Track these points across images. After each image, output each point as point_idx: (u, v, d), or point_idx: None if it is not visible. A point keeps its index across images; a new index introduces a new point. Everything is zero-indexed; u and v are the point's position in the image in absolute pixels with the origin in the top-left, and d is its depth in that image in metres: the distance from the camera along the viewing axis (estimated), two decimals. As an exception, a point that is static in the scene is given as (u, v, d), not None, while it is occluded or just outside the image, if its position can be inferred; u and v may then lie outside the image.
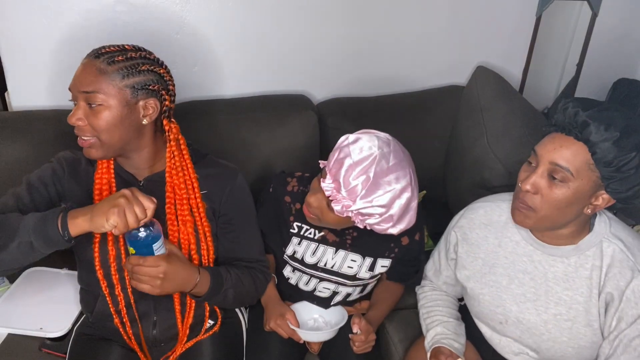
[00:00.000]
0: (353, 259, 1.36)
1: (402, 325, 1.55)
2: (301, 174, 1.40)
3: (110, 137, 1.10)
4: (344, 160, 1.14)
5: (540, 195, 1.04)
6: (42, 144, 1.57)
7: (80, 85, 1.07)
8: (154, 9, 1.72)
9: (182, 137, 1.21)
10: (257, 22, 1.82)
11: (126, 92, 1.09)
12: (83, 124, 1.08)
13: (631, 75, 2.30)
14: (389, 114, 1.92)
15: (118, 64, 1.08)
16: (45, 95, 1.73)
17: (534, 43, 2.14)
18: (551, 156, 1.02)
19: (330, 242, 1.35)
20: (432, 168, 1.97)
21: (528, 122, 1.73)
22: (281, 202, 1.36)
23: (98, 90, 1.06)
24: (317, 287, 1.41)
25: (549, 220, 1.07)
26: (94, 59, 1.08)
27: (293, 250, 1.37)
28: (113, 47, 1.11)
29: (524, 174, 1.07)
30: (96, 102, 1.07)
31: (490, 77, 1.91)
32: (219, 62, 1.85)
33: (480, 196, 1.35)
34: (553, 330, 1.15)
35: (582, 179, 1.00)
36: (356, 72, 2.00)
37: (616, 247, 1.08)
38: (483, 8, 2.01)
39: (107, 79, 1.07)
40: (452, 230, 1.33)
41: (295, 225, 1.35)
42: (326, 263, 1.36)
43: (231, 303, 1.25)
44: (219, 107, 1.80)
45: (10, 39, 1.65)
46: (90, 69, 1.07)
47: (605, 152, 0.97)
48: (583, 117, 0.98)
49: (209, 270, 1.18)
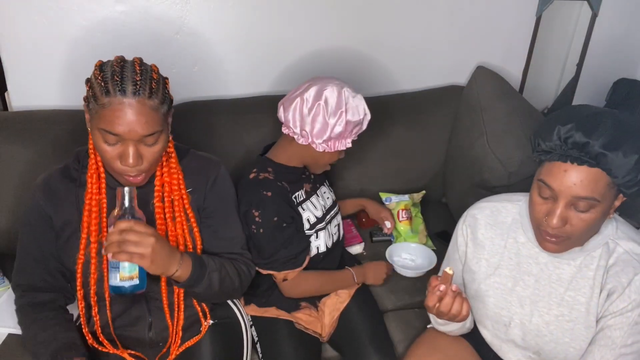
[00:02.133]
0: (323, 191, 1.56)
1: (402, 325, 1.55)
2: (255, 170, 1.41)
3: (158, 162, 1.12)
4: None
5: (570, 225, 1.01)
6: (42, 144, 1.57)
7: (140, 129, 1.02)
8: (154, 9, 1.72)
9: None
10: (257, 22, 1.82)
11: (167, 117, 1.11)
12: (141, 164, 1.06)
13: (631, 75, 2.30)
14: (389, 114, 1.92)
15: (158, 93, 1.05)
16: (45, 95, 1.74)
17: (534, 43, 2.14)
18: (572, 192, 0.98)
19: (311, 190, 1.50)
20: (432, 168, 1.98)
21: (528, 122, 1.73)
22: (282, 190, 1.39)
23: (157, 129, 1.05)
24: (332, 231, 1.53)
25: (583, 238, 1.07)
26: (138, 97, 1.01)
27: (307, 219, 1.45)
28: (139, 75, 1.03)
29: (543, 207, 1.04)
30: (155, 140, 1.06)
31: (490, 77, 1.91)
32: (219, 62, 1.85)
33: (480, 196, 1.34)
34: (555, 331, 1.14)
35: (607, 199, 0.99)
36: (356, 72, 2.00)
37: (621, 247, 1.08)
38: (483, 8, 2.01)
39: (158, 114, 1.05)
40: (461, 231, 1.28)
41: (294, 198, 1.43)
42: (324, 206, 1.51)
43: (217, 291, 1.18)
44: (219, 107, 1.80)
45: (11, 39, 1.65)
46: (143, 109, 1.02)
47: (626, 174, 0.95)
48: (597, 150, 0.94)
49: (190, 253, 1.15)
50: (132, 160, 1.04)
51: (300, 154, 1.41)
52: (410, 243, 1.77)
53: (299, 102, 1.33)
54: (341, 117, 1.32)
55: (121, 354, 1.23)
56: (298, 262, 1.39)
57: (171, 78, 1.82)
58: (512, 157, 1.67)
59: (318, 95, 1.32)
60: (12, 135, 1.58)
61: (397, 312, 1.61)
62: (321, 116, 1.32)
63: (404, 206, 1.83)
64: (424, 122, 1.95)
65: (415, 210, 1.88)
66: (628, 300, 1.04)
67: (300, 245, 1.40)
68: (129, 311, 1.22)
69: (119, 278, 1.01)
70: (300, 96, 1.33)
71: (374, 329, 1.48)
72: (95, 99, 1.02)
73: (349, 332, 1.48)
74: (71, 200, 1.17)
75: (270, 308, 1.46)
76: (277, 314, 1.45)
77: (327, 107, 1.32)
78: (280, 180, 1.40)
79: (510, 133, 1.70)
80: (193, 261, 1.12)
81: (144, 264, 1.00)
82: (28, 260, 1.21)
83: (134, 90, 1.01)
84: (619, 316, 1.05)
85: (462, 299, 1.06)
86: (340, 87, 1.34)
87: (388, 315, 1.59)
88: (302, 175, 1.48)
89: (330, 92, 1.32)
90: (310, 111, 1.32)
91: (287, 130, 1.38)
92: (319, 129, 1.33)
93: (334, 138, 1.35)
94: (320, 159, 1.42)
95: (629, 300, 1.04)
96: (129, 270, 1.01)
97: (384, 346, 1.45)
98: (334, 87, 1.33)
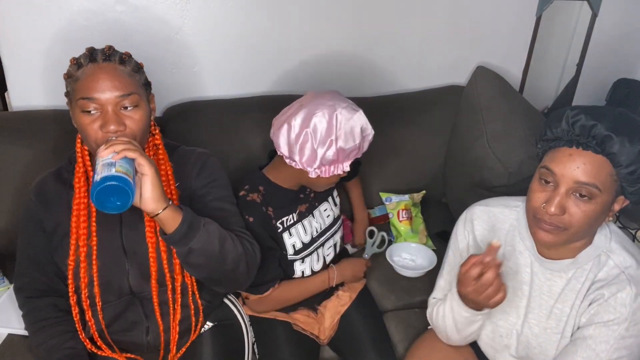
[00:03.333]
0: (324, 208, 1.48)
1: (402, 325, 1.55)
2: (246, 188, 1.35)
3: (142, 137, 1.10)
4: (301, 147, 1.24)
5: (568, 215, 0.99)
6: (42, 144, 1.57)
7: (115, 90, 1.05)
8: (154, 9, 1.72)
9: (157, 126, 1.20)
10: (257, 22, 1.82)
11: (144, 89, 1.12)
12: (124, 129, 1.06)
13: (631, 75, 2.30)
14: (389, 114, 1.92)
15: (129, 63, 1.10)
16: (45, 95, 1.73)
17: (534, 43, 2.14)
18: (575, 176, 0.96)
19: (306, 211, 1.42)
20: (432, 168, 1.97)
21: (528, 122, 1.73)
22: (265, 218, 1.33)
23: (133, 91, 1.07)
24: (324, 254, 1.48)
25: (580, 235, 1.03)
26: (109, 62, 1.07)
27: (292, 245, 1.39)
28: (107, 49, 1.10)
29: (542, 195, 1.01)
30: (133, 103, 1.07)
31: (490, 77, 1.91)
32: (219, 62, 1.85)
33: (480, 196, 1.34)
34: (544, 344, 1.13)
35: (608, 190, 0.97)
36: (356, 72, 2.00)
37: (612, 261, 1.06)
38: (483, 8, 2.01)
39: (134, 78, 1.09)
40: (461, 238, 1.26)
41: (279, 224, 1.36)
42: (317, 229, 1.45)
43: (218, 254, 1.07)
44: (219, 107, 1.80)
45: (10, 39, 1.65)
46: (115, 72, 1.07)
47: (630, 163, 0.94)
48: (604, 132, 0.93)
49: (183, 205, 1.07)
50: (113, 125, 1.03)
51: (295, 176, 1.34)
52: (410, 243, 1.77)
53: (286, 128, 1.23)
54: (332, 146, 1.22)
55: (119, 357, 1.22)
56: (259, 290, 1.35)
57: (171, 78, 1.84)
58: (512, 157, 1.66)
59: (305, 123, 1.21)
60: (12, 135, 1.58)
61: (397, 312, 1.60)
62: (309, 144, 1.21)
63: (404, 206, 1.83)
64: (424, 122, 1.95)
65: (415, 210, 1.88)
66: (614, 312, 1.02)
67: (267, 275, 1.34)
68: (125, 316, 1.21)
69: (114, 170, 0.93)
70: (287, 121, 1.23)
71: (374, 331, 1.48)
72: (71, 77, 1.08)
73: (348, 334, 1.47)
74: (62, 203, 1.17)
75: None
76: (274, 315, 1.45)
77: (316, 136, 1.21)
78: (268, 204, 1.34)
79: (510, 133, 1.70)
80: (185, 209, 1.04)
81: (150, 173, 0.97)
82: (26, 264, 1.21)
83: (104, 57, 1.08)
84: (604, 328, 1.02)
85: (501, 282, 1.02)
86: (333, 110, 1.21)
87: (388, 316, 1.59)
88: (299, 196, 1.40)
89: (320, 118, 1.20)
90: (298, 139, 1.22)
91: (279, 151, 1.29)
92: (308, 157, 1.23)
93: (327, 164, 1.26)
94: (316, 183, 1.33)
95: (615, 313, 1.02)
96: (126, 169, 0.95)
97: (384, 348, 1.45)
98: (325, 111, 1.21)
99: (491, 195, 1.33)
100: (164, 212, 1.00)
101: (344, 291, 1.53)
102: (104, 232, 1.15)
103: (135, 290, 1.18)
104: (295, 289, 1.43)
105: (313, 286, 1.45)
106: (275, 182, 1.36)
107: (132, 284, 1.18)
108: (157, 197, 0.98)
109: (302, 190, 1.41)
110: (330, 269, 1.48)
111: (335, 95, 1.28)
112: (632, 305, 1.01)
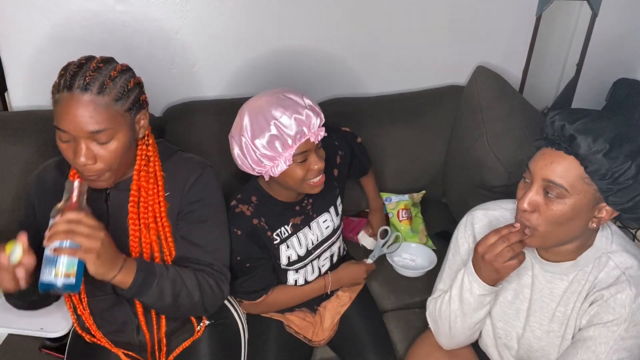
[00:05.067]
0: (324, 219, 1.42)
1: (402, 325, 1.55)
2: (238, 197, 1.33)
3: (120, 164, 1.07)
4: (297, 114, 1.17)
5: (537, 213, 0.99)
6: (42, 144, 1.57)
7: (87, 125, 0.99)
8: (154, 9, 1.72)
9: (152, 134, 1.16)
10: (257, 22, 1.82)
11: (127, 116, 1.04)
12: (94, 163, 1.03)
13: (631, 75, 2.30)
14: (389, 114, 1.92)
15: (112, 90, 1.01)
16: (45, 95, 1.71)
17: (534, 43, 2.14)
18: (543, 173, 0.98)
19: (300, 224, 1.37)
20: (432, 168, 1.97)
21: (528, 122, 1.73)
22: (255, 231, 1.30)
23: (107, 127, 1.01)
24: (319, 265, 1.45)
25: (552, 237, 1.03)
26: (85, 93, 0.99)
27: (287, 257, 1.37)
28: (91, 72, 1.00)
29: (521, 192, 1.03)
30: (106, 139, 1.02)
31: (490, 77, 1.91)
32: (219, 62, 1.85)
33: (480, 196, 1.34)
34: (546, 347, 1.13)
35: (579, 193, 0.96)
36: (356, 72, 2.00)
37: (612, 261, 1.05)
38: (483, 8, 2.01)
39: (110, 111, 1.01)
40: (462, 241, 1.25)
41: (275, 235, 1.34)
42: (312, 242, 1.40)
43: (170, 305, 1.10)
44: (219, 107, 1.80)
45: (11, 39, 1.65)
46: (90, 105, 0.99)
47: (596, 164, 0.93)
48: (570, 131, 0.94)
49: (139, 260, 1.09)
50: (82, 158, 1.00)
51: (276, 185, 1.30)
52: (410, 243, 1.77)
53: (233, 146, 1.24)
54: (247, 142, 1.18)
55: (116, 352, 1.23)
56: (252, 297, 1.35)
57: (171, 78, 1.84)
58: (512, 157, 1.66)
59: (234, 135, 1.22)
60: (12, 135, 1.58)
61: (397, 312, 1.61)
62: (244, 150, 1.19)
63: (404, 206, 1.83)
64: (424, 122, 1.95)
65: (415, 210, 1.88)
66: (613, 313, 1.02)
67: (260, 284, 1.34)
68: (114, 314, 1.20)
69: (53, 274, 0.92)
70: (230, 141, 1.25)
71: (374, 331, 1.48)
72: (52, 95, 1.04)
73: (348, 334, 1.47)
74: (58, 194, 1.14)
75: None
76: (270, 314, 1.44)
77: (241, 141, 1.19)
78: (260, 215, 1.30)
79: (510, 133, 1.70)
80: (138, 268, 1.05)
81: (89, 259, 0.93)
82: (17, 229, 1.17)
83: (80, 85, 0.99)
84: (604, 329, 1.02)
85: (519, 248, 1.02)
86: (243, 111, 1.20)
87: (388, 315, 1.59)
88: (294, 207, 1.37)
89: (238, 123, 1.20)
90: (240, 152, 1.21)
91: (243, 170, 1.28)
92: (251, 160, 1.20)
93: (266, 159, 1.19)
94: (289, 180, 1.24)
95: (614, 314, 1.01)
96: (67, 266, 0.93)
97: (384, 348, 1.45)
98: (241, 115, 1.20)
99: (491, 195, 1.33)
100: (115, 278, 1.01)
101: (344, 291, 1.53)
102: None
103: (119, 292, 1.16)
104: (289, 293, 1.42)
105: (309, 291, 1.44)
106: (269, 193, 1.34)
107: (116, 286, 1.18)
108: (102, 273, 0.98)
109: (299, 202, 1.37)
110: (326, 277, 1.45)
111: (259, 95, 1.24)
112: (632, 306, 1.01)
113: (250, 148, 1.18)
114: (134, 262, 1.05)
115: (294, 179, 1.23)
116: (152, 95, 1.82)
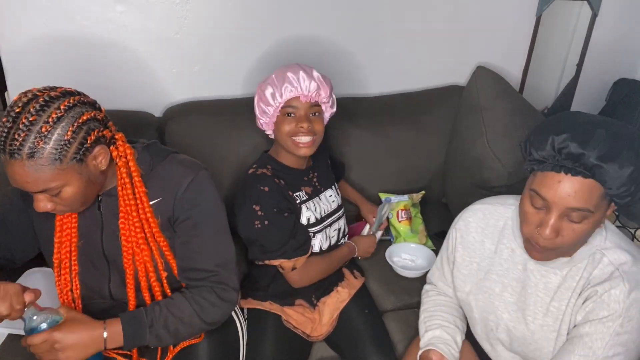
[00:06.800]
0: (329, 194, 1.57)
1: (402, 325, 1.55)
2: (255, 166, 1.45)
3: (82, 200, 1.05)
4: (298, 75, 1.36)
5: (561, 236, 0.99)
6: (42, 144, 1.57)
7: (28, 187, 0.96)
8: (154, 9, 1.72)
9: (130, 151, 1.10)
10: (256, 22, 1.82)
11: (74, 165, 0.98)
12: (54, 208, 1.02)
13: (631, 75, 2.30)
14: (389, 114, 1.92)
15: (43, 151, 0.93)
16: (45, 95, 1.73)
17: (534, 43, 2.14)
18: (566, 203, 0.96)
19: (311, 194, 1.50)
20: (432, 168, 1.98)
21: (528, 122, 1.73)
22: (279, 187, 1.40)
23: (49, 186, 0.97)
24: (329, 234, 1.53)
25: (572, 250, 1.06)
26: (16, 160, 0.92)
27: (307, 218, 1.45)
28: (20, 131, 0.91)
29: (535, 218, 1.01)
30: (52, 194, 0.99)
31: (490, 77, 1.91)
32: (219, 62, 1.85)
33: (480, 196, 1.34)
34: (540, 340, 1.14)
35: (600, 208, 0.97)
36: (356, 72, 2.00)
37: (607, 258, 1.06)
38: (483, 8, 2.01)
39: (47, 172, 0.94)
40: (452, 233, 1.30)
41: (296, 196, 1.44)
42: (325, 210, 1.52)
43: (174, 341, 1.13)
44: (219, 107, 1.80)
45: (10, 39, 1.65)
46: (22, 170, 0.93)
47: (621, 186, 0.93)
48: (593, 161, 0.92)
49: (124, 316, 1.07)
50: (40, 206, 1.00)
51: (280, 148, 1.45)
52: (410, 243, 1.77)
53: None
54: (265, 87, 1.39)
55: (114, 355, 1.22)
56: (305, 249, 1.42)
57: (171, 78, 1.84)
58: (512, 157, 1.67)
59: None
60: (12, 135, 1.58)
61: (397, 312, 1.61)
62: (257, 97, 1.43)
63: (404, 206, 1.83)
64: (424, 122, 1.95)
65: (415, 211, 1.88)
66: (608, 309, 1.02)
67: (304, 234, 1.43)
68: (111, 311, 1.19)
69: None
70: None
71: (373, 329, 1.48)
72: None
73: (348, 331, 1.48)
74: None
75: (265, 302, 1.46)
76: (269, 308, 1.45)
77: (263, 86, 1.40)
78: (279, 177, 1.41)
79: (510, 133, 1.70)
80: (124, 325, 1.05)
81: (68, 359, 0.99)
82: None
83: (9, 151, 0.92)
84: (599, 324, 1.03)
85: None
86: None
87: (388, 315, 1.59)
88: (303, 177, 1.49)
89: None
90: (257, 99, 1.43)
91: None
92: (258, 111, 1.44)
93: (266, 103, 1.39)
94: (279, 135, 1.41)
95: (609, 310, 1.02)
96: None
97: (383, 345, 1.46)
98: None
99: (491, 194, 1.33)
100: (107, 344, 1.04)
101: (343, 287, 1.54)
102: (85, 237, 1.15)
103: (115, 297, 1.18)
104: (325, 259, 1.49)
105: (340, 256, 1.55)
106: (278, 159, 1.46)
107: (113, 291, 1.18)
108: (92, 352, 1.03)
109: (306, 172, 1.50)
110: (347, 243, 1.59)
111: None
112: (626, 302, 1.01)
113: (260, 95, 1.41)
114: (118, 321, 1.06)
115: (282, 133, 1.39)
116: (152, 95, 1.84)
